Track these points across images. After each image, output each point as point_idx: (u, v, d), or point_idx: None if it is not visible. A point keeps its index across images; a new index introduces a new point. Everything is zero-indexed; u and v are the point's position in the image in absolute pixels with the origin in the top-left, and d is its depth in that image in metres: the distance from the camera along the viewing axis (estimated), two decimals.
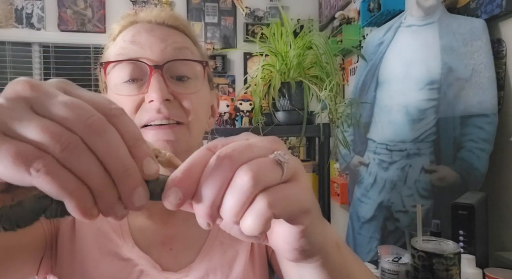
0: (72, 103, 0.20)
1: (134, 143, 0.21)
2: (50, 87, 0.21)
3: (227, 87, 2.79)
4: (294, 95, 1.16)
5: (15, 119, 0.19)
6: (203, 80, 0.51)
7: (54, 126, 0.19)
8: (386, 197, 1.43)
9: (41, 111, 0.20)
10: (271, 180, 0.22)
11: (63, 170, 0.19)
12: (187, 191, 0.22)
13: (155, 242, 0.50)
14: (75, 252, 0.48)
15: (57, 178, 0.19)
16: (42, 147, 0.19)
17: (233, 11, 2.77)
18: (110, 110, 0.21)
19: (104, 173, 0.20)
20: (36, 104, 0.20)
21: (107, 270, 0.47)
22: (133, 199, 0.21)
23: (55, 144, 0.19)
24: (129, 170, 0.21)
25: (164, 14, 0.51)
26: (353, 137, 1.74)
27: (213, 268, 0.49)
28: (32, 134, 0.19)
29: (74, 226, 0.49)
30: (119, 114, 0.21)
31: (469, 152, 1.08)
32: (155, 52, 0.46)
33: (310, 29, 1.16)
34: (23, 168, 0.18)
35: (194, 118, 0.48)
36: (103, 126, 0.20)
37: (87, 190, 0.20)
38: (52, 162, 0.19)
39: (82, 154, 0.19)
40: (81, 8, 2.61)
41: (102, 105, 0.21)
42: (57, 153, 0.19)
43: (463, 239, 0.86)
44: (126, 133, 0.21)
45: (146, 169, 0.22)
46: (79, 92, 0.22)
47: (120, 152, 0.20)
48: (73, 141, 0.19)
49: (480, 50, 1.06)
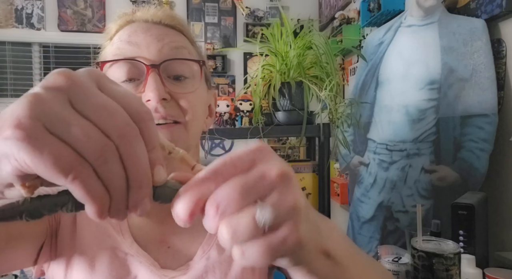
0: (110, 107, 0.21)
1: (151, 149, 0.23)
2: (87, 80, 0.22)
3: (227, 87, 2.79)
4: (294, 95, 1.16)
5: (57, 115, 0.20)
6: (200, 80, 0.51)
7: (94, 131, 0.20)
8: (386, 197, 1.43)
9: (79, 107, 0.21)
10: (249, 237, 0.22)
11: (95, 178, 0.20)
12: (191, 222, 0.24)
13: (153, 240, 0.50)
14: (74, 246, 0.48)
15: (89, 187, 0.20)
16: (82, 151, 0.20)
17: (233, 11, 2.77)
18: (140, 115, 0.22)
19: (125, 183, 0.22)
20: (74, 99, 0.21)
21: (106, 265, 0.47)
22: (139, 208, 0.23)
23: (94, 151, 0.20)
24: (145, 183, 0.22)
25: (161, 13, 0.50)
26: (353, 137, 1.74)
27: (212, 266, 0.49)
28: (74, 137, 0.20)
29: (75, 221, 0.50)
30: (147, 120, 0.23)
31: (469, 152, 1.08)
32: (152, 52, 0.46)
33: (310, 29, 1.16)
34: (62, 174, 0.19)
35: (191, 118, 0.48)
36: (135, 138, 0.22)
37: (108, 196, 0.21)
38: (88, 171, 0.20)
39: (114, 163, 0.21)
40: (81, 8, 2.61)
41: (134, 108, 0.22)
42: (94, 160, 0.20)
43: (463, 239, 0.86)
44: (148, 140, 0.23)
45: (156, 176, 0.23)
46: (112, 87, 0.23)
47: (144, 165, 0.22)
48: (108, 149, 0.20)
49: (480, 50, 1.06)
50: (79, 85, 0.21)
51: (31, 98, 0.20)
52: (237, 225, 0.22)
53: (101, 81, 0.23)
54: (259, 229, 0.22)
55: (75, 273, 0.47)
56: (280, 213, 0.23)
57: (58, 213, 0.49)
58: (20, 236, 0.44)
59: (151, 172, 0.23)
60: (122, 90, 0.23)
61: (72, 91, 0.21)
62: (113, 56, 0.47)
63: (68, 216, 0.50)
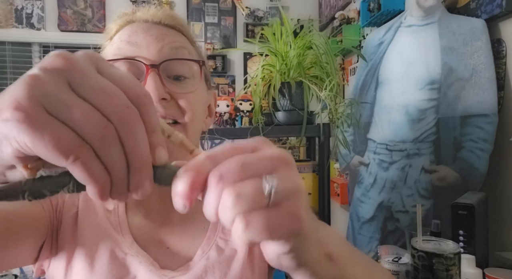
0: (110, 90, 0.21)
1: (152, 132, 0.23)
2: (85, 62, 0.22)
3: (227, 87, 2.79)
4: (294, 95, 1.16)
5: (57, 97, 0.20)
6: (200, 80, 0.51)
7: (94, 113, 0.20)
8: (386, 197, 1.43)
9: (78, 90, 0.21)
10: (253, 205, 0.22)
11: (96, 160, 0.21)
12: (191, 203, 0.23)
13: (152, 240, 0.51)
14: (75, 245, 0.48)
15: (90, 168, 0.20)
16: (82, 134, 0.20)
17: (233, 11, 2.77)
18: (139, 98, 0.22)
19: (126, 165, 0.22)
20: (73, 81, 0.21)
21: (105, 265, 0.47)
22: (140, 190, 0.23)
23: (94, 133, 0.20)
24: (145, 165, 0.22)
25: (161, 13, 0.50)
26: (353, 137, 1.74)
27: (211, 266, 0.49)
28: (74, 119, 0.20)
29: (77, 221, 0.50)
30: (147, 103, 0.23)
31: (469, 152, 1.08)
32: (151, 52, 0.46)
33: (310, 29, 1.16)
34: (63, 155, 0.20)
35: (190, 118, 0.48)
36: (135, 121, 0.22)
37: (109, 179, 0.21)
38: (89, 153, 0.20)
39: (114, 145, 0.21)
40: (81, 8, 2.61)
41: (133, 91, 0.22)
42: (95, 142, 0.20)
43: (463, 239, 0.86)
44: (149, 124, 0.23)
45: (157, 158, 0.23)
46: (111, 70, 0.23)
47: (144, 147, 0.22)
48: (108, 131, 0.20)
49: (480, 50, 1.06)
50: (78, 67, 0.21)
51: (29, 79, 0.20)
52: (241, 190, 0.22)
53: (100, 64, 0.23)
54: (264, 198, 0.22)
55: (75, 272, 0.47)
56: (285, 188, 0.22)
57: (60, 212, 0.49)
58: (21, 233, 0.44)
59: (152, 154, 0.23)
60: (121, 74, 0.23)
61: (70, 73, 0.21)
62: (113, 56, 0.47)
63: (69, 216, 0.50)
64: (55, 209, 0.50)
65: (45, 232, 0.48)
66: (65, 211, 0.50)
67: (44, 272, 0.51)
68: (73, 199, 0.51)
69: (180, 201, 0.23)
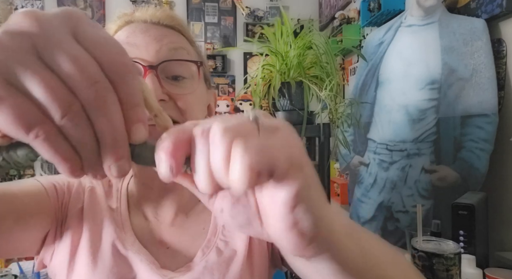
0: (80, 60, 0.19)
1: (130, 107, 0.21)
2: (58, 25, 0.20)
3: (227, 87, 2.78)
4: (294, 95, 1.15)
5: (20, 66, 0.18)
6: (198, 80, 0.51)
7: (59, 86, 0.19)
8: (386, 197, 1.43)
9: (45, 58, 0.19)
10: (245, 130, 0.20)
11: (60, 137, 0.19)
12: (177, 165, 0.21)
13: (152, 240, 0.51)
14: (79, 240, 0.49)
15: (53, 146, 0.19)
16: (45, 109, 0.19)
17: (233, 11, 2.77)
18: (117, 67, 0.20)
19: (96, 143, 0.20)
20: (42, 47, 0.19)
21: (108, 261, 0.47)
22: (113, 169, 0.21)
23: (57, 109, 0.19)
24: (117, 143, 0.21)
25: (159, 13, 0.50)
26: (353, 137, 1.74)
27: (210, 267, 0.49)
28: (36, 91, 0.18)
29: (82, 215, 0.50)
30: (125, 73, 0.21)
31: (469, 152, 1.08)
32: (150, 53, 0.46)
33: (310, 29, 1.16)
34: (23, 131, 0.18)
35: (189, 119, 0.48)
36: (105, 97, 0.20)
37: (78, 156, 0.20)
38: (51, 130, 0.19)
39: (80, 123, 0.19)
40: (81, 8, 2.61)
41: (110, 59, 0.20)
42: (58, 118, 0.19)
43: (463, 239, 0.86)
44: (126, 98, 0.21)
45: (134, 135, 0.21)
46: (89, 34, 0.20)
47: (115, 124, 0.20)
48: (74, 108, 0.19)
49: (480, 50, 1.06)
50: (48, 30, 0.19)
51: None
52: (227, 124, 0.20)
53: (78, 25, 0.20)
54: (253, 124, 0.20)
55: (78, 267, 0.48)
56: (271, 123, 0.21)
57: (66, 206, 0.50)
58: (28, 219, 0.44)
59: (128, 131, 0.21)
60: (101, 38, 0.21)
61: (38, 38, 0.19)
62: None
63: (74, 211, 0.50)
64: (61, 202, 0.50)
65: (49, 223, 0.48)
66: (71, 206, 0.50)
67: (45, 266, 0.51)
68: (79, 194, 0.52)
69: (166, 163, 0.21)
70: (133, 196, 0.54)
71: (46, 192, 0.48)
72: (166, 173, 0.21)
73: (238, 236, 0.52)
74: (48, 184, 0.49)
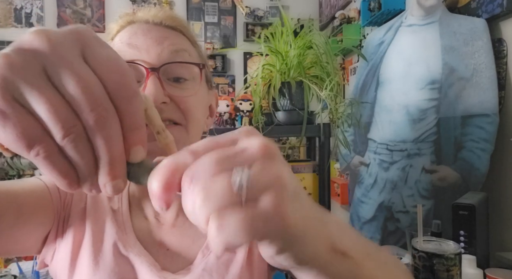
0: (87, 82, 0.20)
1: (132, 130, 0.22)
2: (69, 45, 0.20)
3: (227, 87, 2.78)
4: (294, 95, 1.15)
5: (28, 84, 0.19)
6: (200, 82, 0.51)
7: (63, 107, 0.19)
8: (386, 197, 1.43)
9: (53, 77, 0.19)
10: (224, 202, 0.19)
11: (59, 156, 0.20)
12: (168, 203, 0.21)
13: (152, 242, 0.51)
14: (81, 240, 0.49)
15: (52, 163, 0.20)
16: (47, 128, 0.19)
17: (233, 11, 2.77)
18: (122, 90, 0.21)
19: (94, 162, 0.21)
20: (50, 66, 0.19)
21: (109, 261, 0.47)
22: (108, 188, 0.22)
23: (59, 130, 0.19)
24: (114, 164, 0.21)
25: (162, 14, 0.50)
26: (354, 137, 1.74)
27: (209, 269, 0.49)
28: (40, 110, 0.19)
29: (84, 216, 0.50)
30: (130, 97, 0.21)
31: (470, 152, 1.08)
32: (151, 55, 0.46)
33: (310, 29, 1.15)
34: (25, 148, 0.19)
35: (191, 120, 0.48)
36: (107, 120, 0.20)
37: (75, 173, 0.21)
38: (52, 149, 0.20)
39: (80, 144, 0.20)
40: (81, 7, 2.61)
41: (116, 82, 0.21)
42: (59, 139, 0.19)
43: (464, 240, 0.86)
44: (128, 120, 0.21)
45: (132, 156, 0.22)
46: (98, 54, 0.21)
47: (114, 147, 0.21)
48: (76, 130, 0.20)
49: (481, 50, 1.06)
50: (59, 50, 0.20)
51: (1, 61, 0.19)
52: (210, 187, 0.19)
53: (88, 45, 0.21)
54: (236, 195, 0.19)
55: (80, 267, 0.48)
56: (259, 181, 0.20)
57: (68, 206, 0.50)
58: (30, 216, 0.44)
59: (127, 152, 0.22)
60: (109, 59, 0.21)
61: (47, 58, 0.19)
62: None
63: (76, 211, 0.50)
64: (63, 202, 0.50)
65: (51, 222, 0.48)
66: (74, 205, 0.50)
67: (46, 265, 0.51)
68: (81, 194, 0.52)
69: (156, 202, 0.21)
70: (134, 197, 0.54)
71: (48, 190, 0.48)
72: (157, 209, 0.22)
73: None
74: (51, 183, 0.49)
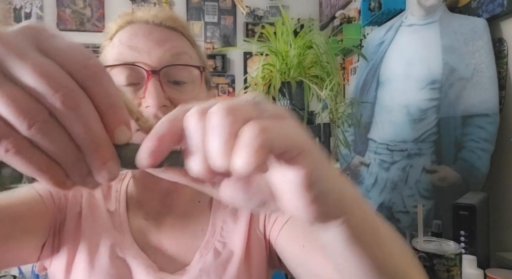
0: (43, 68, 0.19)
1: (108, 109, 0.20)
2: (21, 41, 0.20)
3: (227, 87, 2.78)
4: (294, 95, 1.15)
5: None
6: (200, 84, 0.51)
7: (21, 98, 0.18)
8: (387, 197, 1.43)
9: (8, 71, 0.19)
10: (250, 113, 0.20)
11: (32, 149, 0.19)
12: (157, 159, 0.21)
13: (150, 243, 0.51)
14: (77, 244, 0.49)
15: (26, 158, 0.19)
16: (11, 123, 0.18)
17: (233, 11, 2.77)
18: (87, 70, 0.20)
19: (74, 148, 0.20)
20: (3, 62, 0.19)
21: (105, 264, 0.47)
22: (103, 174, 0.20)
23: (22, 121, 0.18)
24: (99, 145, 0.20)
25: (162, 14, 0.50)
26: (354, 137, 1.74)
27: (206, 270, 0.49)
28: (1, 107, 0.18)
29: (80, 219, 0.50)
30: (97, 74, 0.20)
31: (470, 152, 1.08)
32: (152, 58, 0.46)
33: (310, 29, 1.15)
34: None
35: None
36: (74, 100, 0.19)
37: (58, 166, 0.20)
38: (21, 142, 0.18)
39: (50, 131, 0.19)
40: (80, 7, 2.61)
41: (78, 62, 0.20)
42: (24, 130, 0.18)
43: (464, 240, 0.86)
44: (101, 99, 0.20)
45: (117, 138, 0.21)
46: (52, 44, 0.20)
47: (91, 126, 0.19)
48: (41, 117, 0.18)
49: (481, 50, 1.06)
50: (8, 45, 0.19)
51: None
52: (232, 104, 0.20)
53: (43, 37, 0.20)
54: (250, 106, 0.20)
55: (75, 271, 0.48)
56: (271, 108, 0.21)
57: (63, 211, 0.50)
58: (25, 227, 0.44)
59: (109, 133, 0.20)
60: (65, 45, 0.20)
61: (2, 57, 0.19)
62: (114, 61, 0.46)
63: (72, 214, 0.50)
64: (58, 207, 0.50)
65: (47, 230, 0.48)
66: (69, 210, 0.50)
67: (45, 268, 0.52)
68: (76, 197, 0.51)
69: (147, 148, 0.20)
70: (132, 197, 0.54)
71: (41, 198, 0.48)
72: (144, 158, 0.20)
73: (236, 237, 0.52)
74: (44, 190, 0.49)
